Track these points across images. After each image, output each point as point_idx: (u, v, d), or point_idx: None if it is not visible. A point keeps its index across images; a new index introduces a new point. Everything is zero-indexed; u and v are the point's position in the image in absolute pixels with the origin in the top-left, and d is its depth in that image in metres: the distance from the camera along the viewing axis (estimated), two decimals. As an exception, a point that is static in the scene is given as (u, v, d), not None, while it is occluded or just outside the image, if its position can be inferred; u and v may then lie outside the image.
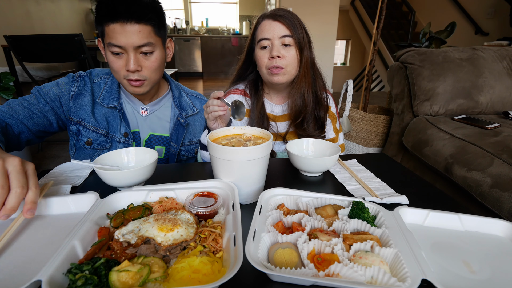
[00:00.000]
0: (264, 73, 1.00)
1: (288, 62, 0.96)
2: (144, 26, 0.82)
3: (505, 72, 1.85)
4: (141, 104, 1.00)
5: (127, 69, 0.85)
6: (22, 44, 2.33)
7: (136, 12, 0.80)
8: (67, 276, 0.39)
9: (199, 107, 1.12)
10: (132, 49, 0.83)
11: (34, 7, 3.81)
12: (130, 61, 0.84)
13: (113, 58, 0.85)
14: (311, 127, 1.05)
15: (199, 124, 1.12)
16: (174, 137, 1.05)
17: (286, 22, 0.94)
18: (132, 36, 0.81)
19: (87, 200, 0.59)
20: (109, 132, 0.98)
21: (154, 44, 0.87)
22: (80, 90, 0.95)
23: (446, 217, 0.57)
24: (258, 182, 0.65)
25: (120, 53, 0.84)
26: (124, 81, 0.89)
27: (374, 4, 5.43)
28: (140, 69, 0.87)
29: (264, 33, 0.96)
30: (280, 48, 0.95)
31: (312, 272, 0.41)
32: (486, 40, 4.18)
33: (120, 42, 0.81)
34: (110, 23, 0.80)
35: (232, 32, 8.14)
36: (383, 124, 2.16)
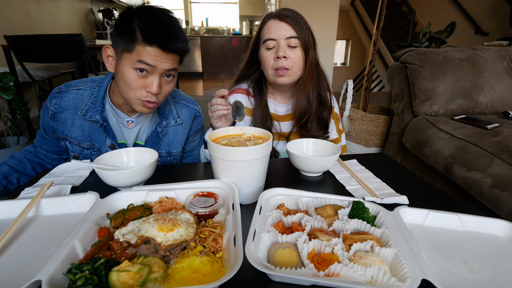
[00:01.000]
0: (270, 74, 1.00)
1: (294, 63, 0.96)
2: (177, 56, 0.85)
3: (505, 72, 1.85)
4: (126, 117, 0.97)
5: (147, 90, 0.83)
6: (22, 44, 2.33)
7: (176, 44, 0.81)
8: (67, 276, 0.39)
9: (184, 117, 1.06)
10: (160, 72, 0.82)
11: (34, 7, 3.81)
12: (154, 83, 0.82)
13: (135, 76, 0.81)
14: (315, 127, 1.05)
15: (181, 135, 1.07)
16: (148, 145, 1.01)
17: (293, 23, 0.94)
18: (167, 62, 0.82)
19: (87, 200, 0.59)
20: (95, 144, 0.96)
21: (177, 70, 0.88)
22: (56, 109, 0.94)
23: (446, 217, 0.57)
24: (258, 182, 0.65)
25: (145, 71, 0.81)
26: (136, 101, 0.86)
27: (374, 4, 5.43)
28: (160, 93, 0.86)
29: (270, 33, 0.96)
30: (286, 49, 0.95)
31: (312, 272, 0.41)
32: (486, 40, 4.18)
33: (153, 63, 0.80)
34: (147, 46, 0.78)
35: (232, 32, 8.14)
36: (383, 124, 2.16)
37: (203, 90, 6.05)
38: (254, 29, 7.91)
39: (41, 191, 0.60)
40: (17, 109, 2.06)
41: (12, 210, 0.56)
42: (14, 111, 2.07)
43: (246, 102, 1.08)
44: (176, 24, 0.83)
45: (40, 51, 2.41)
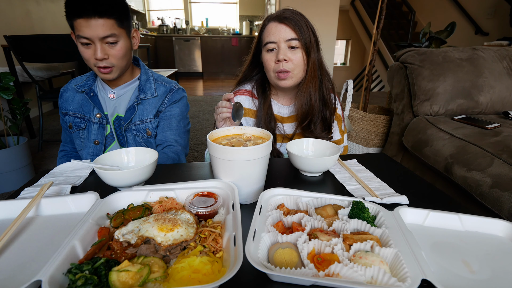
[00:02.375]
0: (272, 77, 1.00)
1: (295, 65, 0.95)
2: (107, 20, 0.93)
3: (505, 72, 1.85)
4: (109, 89, 1.10)
5: (95, 58, 0.95)
6: (22, 44, 2.33)
7: (99, 8, 0.91)
8: (67, 276, 0.39)
9: (161, 92, 1.15)
10: (98, 40, 0.93)
11: (34, 7, 3.81)
12: (97, 50, 0.94)
13: (83, 49, 0.96)
14: (318, 128, 1.05)
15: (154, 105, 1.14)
16: (126, 116, 1.11)
17: (292, 24, 0.93)
18: (97, 29, 0.92)
19: (87, 200, 0.59)
20: (85, 115, 1.10)
21: (118, 35, 0.97)
22: (64, 89, 1.14)
23: (446, 217, 0.57)
24: (258, 182, 0.65)
25: (88, 43, 0.94)
26: (95, 68, 1.00)
27: (374, 4, 5.43)
28: (107, 57, 0.97)
29: (270, 36, 0.95)
30: (286, 51, 0.94)
31: (312, 272, 0.41)
32: (486, 40, 4.18)
33: (87, 34, 0.92)
34: (77, 18, 0.91)
35: (232, 32, 8.13)
36: (383, 124, 2.16)
37: (203, 90, 6.06)
38: (254, 29, 7.91)
39: (41, 191, 0.60)
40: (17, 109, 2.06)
41: (12, 210, 0.56)
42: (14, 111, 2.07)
43: (250, 104, 1.08)
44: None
45: (40, 51, 2.41)
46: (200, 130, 3.39)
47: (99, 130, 1.11)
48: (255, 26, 7.92)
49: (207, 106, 4.53)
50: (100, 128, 1.11)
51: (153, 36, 7.11)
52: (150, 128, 1.14)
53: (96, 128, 1.11)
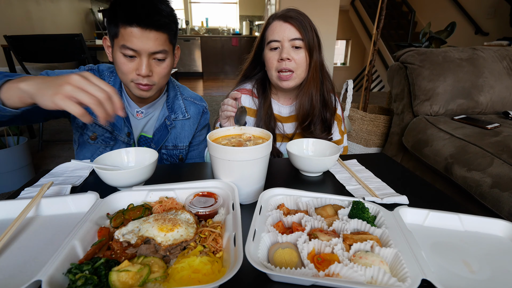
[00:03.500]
0: (273, 76, 0.99)
1: (298, 64, 0.95)
2: (161, 34, 0.83)
3: (505, 72, 1.85)
4: (137, 107, 1.00)
5: (138, 73, 0.85)
6: (22, 44, 2.33)
7: (158, 20, 0.80)
8: (67, 276, 0.39)
9: (192, 112, 1.09)
10: (146, 55, 0.83)
11: (34, 7, 3.81)
12: (142, 65, 0.83)
13: (124, 60, 0.84)
14: (318, 129, 1.05)
15: (189, 130, 1.09)
16: (156, 138, 1.03)
17: (297, 24, 0.93)
18: (149, 42, 0.81)
19: (87, 200, 0.59)
20: (115, 131, 0.98)
21: (168, 51, 0.87)
22: None
23: (446, 217, 0.57)
24: (258, 182, 0.65)
25: (133, 56, 0.83)
26: (131, 84, 0.88)
27: (374, 4, 5.43)
28: (151, 74, 0.86)
29: (275, 34, 0.95)
30: (290, 51, 0.94)
31: (312, 272, 0.41)
32: (486, 40, 4.17)
33: (136, 46, 0.80)
34: (128, 26, 0.79)
35: (232, 32, 8.14)
36: (383, 124, 2.16)
37: (203, 90, 6.05)
38: (254, 29, 7.91)
39: (41, 191, 0.60)
40: (17, 109, 2.06)
41: (12, 210, 0.56)
42: (14, 111, 2.07)
43: (250, 103, 1.08)
44: (156, 0, 0.82)
45: (40, 51, 2.41)
46: (200, 130, 3.38)
47: None
48: (255, 26, 7.92)
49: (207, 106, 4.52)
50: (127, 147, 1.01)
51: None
52: (184, 154, 1.09)
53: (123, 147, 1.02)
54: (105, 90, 0.59)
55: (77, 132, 1.00)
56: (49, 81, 0.59)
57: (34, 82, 0.61)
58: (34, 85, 0.60)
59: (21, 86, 0.61)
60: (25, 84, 0.61)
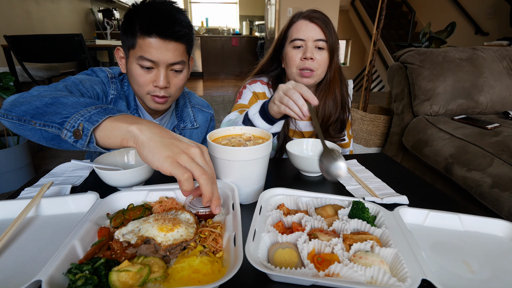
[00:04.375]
0: (293, 73, 1.01)
1: (319, 65, 0.97)
2: (180, 44, 0.82)
3: (505, 72, 1.85)
4: (151, 119, 0.98)
5: (155, 85, 0.83)
6: (22, 44, 2.33)
7: (178, 32, 0.79)
8: (67, 276, 0.39)
9: (200, 121, 1.08)
10: (165, 66, 0.81)
11: (34, 7, 3.81)
12: (160, 77, 0.81)
13: (141, 72, 0.81)
14: (336, 130, 1.08)
15: (196, 139, 1.07)
16: None
17: (323, 25, 0.95)
18: (168, 53, 0.79)
19: (87, 200, 0.59)
20: None
21: (185, 62, 0.86)
22: (118, 94, 0.92)
23: (446, 217, 0.57)
24: (258, 182, 0.65)
25: (150, 67, 0.81)
26: (146, 96, 0.86)
27: (374, 4, 5.43)
28: (168, 86, 0.85)
29: (300, 33, 0.97)
30: (313, 51, 0.96)
31: (312, 272, 0.41)
32: (486, 40, 4.18)
33: (155, 58, 0.79)
34: (146, 37, 0.77)
35: (232, 32, 8.14)
36: (383, 124, 2.16)
37: (203, 90, 6.05)
38: (254, 29, 7.90)
39: (41, 191, 0.60)
40: (17, 109, 2.06)
41: (12, 210, 0.56)
42: (14, 111, 2.07)
43: (267, 93, 1.09)
44: (174, 11, 0.80)
45: (40, 51, 2.41)
46: (200, 130, 3.38)
47: None
48: (255, 26, 7.92)
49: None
50: None
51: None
52: None
53: None
54: (213, 172, 0.52)
55: None
56: (165, 138, 0.50)
57: (148, 130, 0.51)
58: (149, 134, 0.50)
59: (132, 130, 0.51)
60: (138, 129, 0.51)
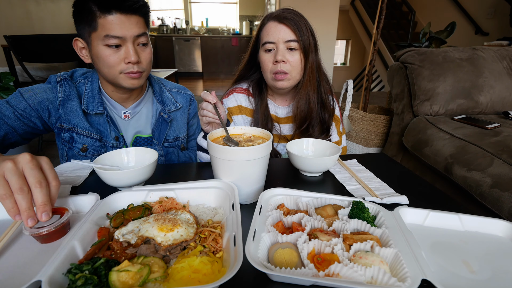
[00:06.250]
0: (268, 78, 0.98)
1: (293, 67, 0.94)
2: (140, 17, 0.85)
3: (505, 72, 1.85)
4: (123, 108, 0.98)
5: (127, 61, 0.84)
6: (22, 44, 2.33)
7: (135, 3, 0.82)
8: (67, 276, 0.39)
9: (181, 102, 1.10)
10: (131, 40, 0.83)
11: (34, 7, 3.81)
12: (130, 52, 0.83)
13: (109, 52, 0.83)
14: (317, 131, 1.04)
15: (181, 119, 1.09)
16: (156, 134, 1.02)
17: (292, 25, 0.91)
18: (132, 26, 0.82)
19: (87, 200, 0.59)
20: (102, 137, 0.95)
21: (148, 35, 0.88)
22: (66, 95, 0.91)
23: (446, 217, 0.57)
24: (258, 182, 0.65)
25: (118, 45, 0.83)
26: (120, 76, 0.87)
27: (374, 4, 5.43)
28: (140, 61, 0.87)
29: (269, 36, 0.93)
30: (284, 53, 0.93)
31: (312, 272, 0.41)
32: (486, 40, 4.17)
33: (121, 33, 0.80)
34: (107, 15, 0.79)
35: (232, 32, 8.13)
36: (383, 124, 2.16)
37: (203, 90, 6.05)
38: (254, 29, 7.90)
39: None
40: (17, 109, 2.06)
41: (12, 210, 0.56)
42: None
43: (246, 102, 1.07)
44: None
45: (40, 51, 2.41)
46: (200, 130, 3.38)
47: None
48: (255, 26, 7.92)
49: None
50: None
51: (153, 36, 7.11)
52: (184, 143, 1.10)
53: None
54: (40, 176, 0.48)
55: (64, 147, 0.95)
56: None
57: None
58: None
59: None
60: None
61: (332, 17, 3.92)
